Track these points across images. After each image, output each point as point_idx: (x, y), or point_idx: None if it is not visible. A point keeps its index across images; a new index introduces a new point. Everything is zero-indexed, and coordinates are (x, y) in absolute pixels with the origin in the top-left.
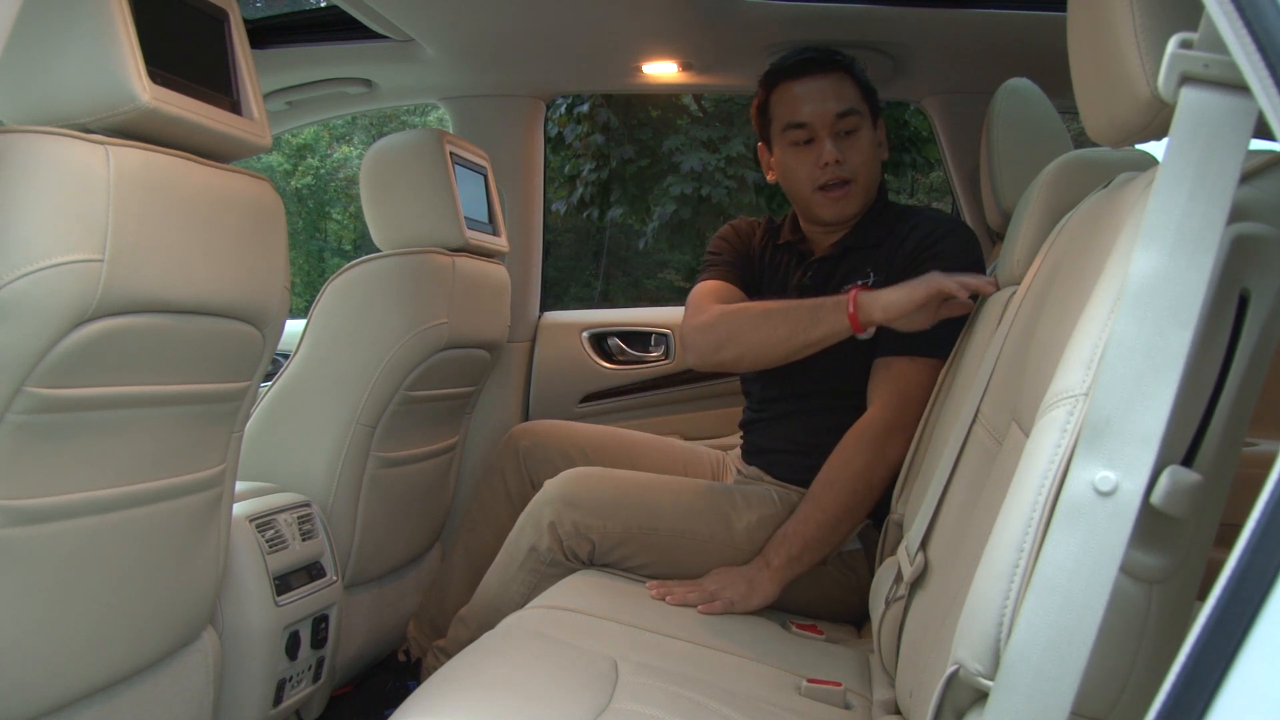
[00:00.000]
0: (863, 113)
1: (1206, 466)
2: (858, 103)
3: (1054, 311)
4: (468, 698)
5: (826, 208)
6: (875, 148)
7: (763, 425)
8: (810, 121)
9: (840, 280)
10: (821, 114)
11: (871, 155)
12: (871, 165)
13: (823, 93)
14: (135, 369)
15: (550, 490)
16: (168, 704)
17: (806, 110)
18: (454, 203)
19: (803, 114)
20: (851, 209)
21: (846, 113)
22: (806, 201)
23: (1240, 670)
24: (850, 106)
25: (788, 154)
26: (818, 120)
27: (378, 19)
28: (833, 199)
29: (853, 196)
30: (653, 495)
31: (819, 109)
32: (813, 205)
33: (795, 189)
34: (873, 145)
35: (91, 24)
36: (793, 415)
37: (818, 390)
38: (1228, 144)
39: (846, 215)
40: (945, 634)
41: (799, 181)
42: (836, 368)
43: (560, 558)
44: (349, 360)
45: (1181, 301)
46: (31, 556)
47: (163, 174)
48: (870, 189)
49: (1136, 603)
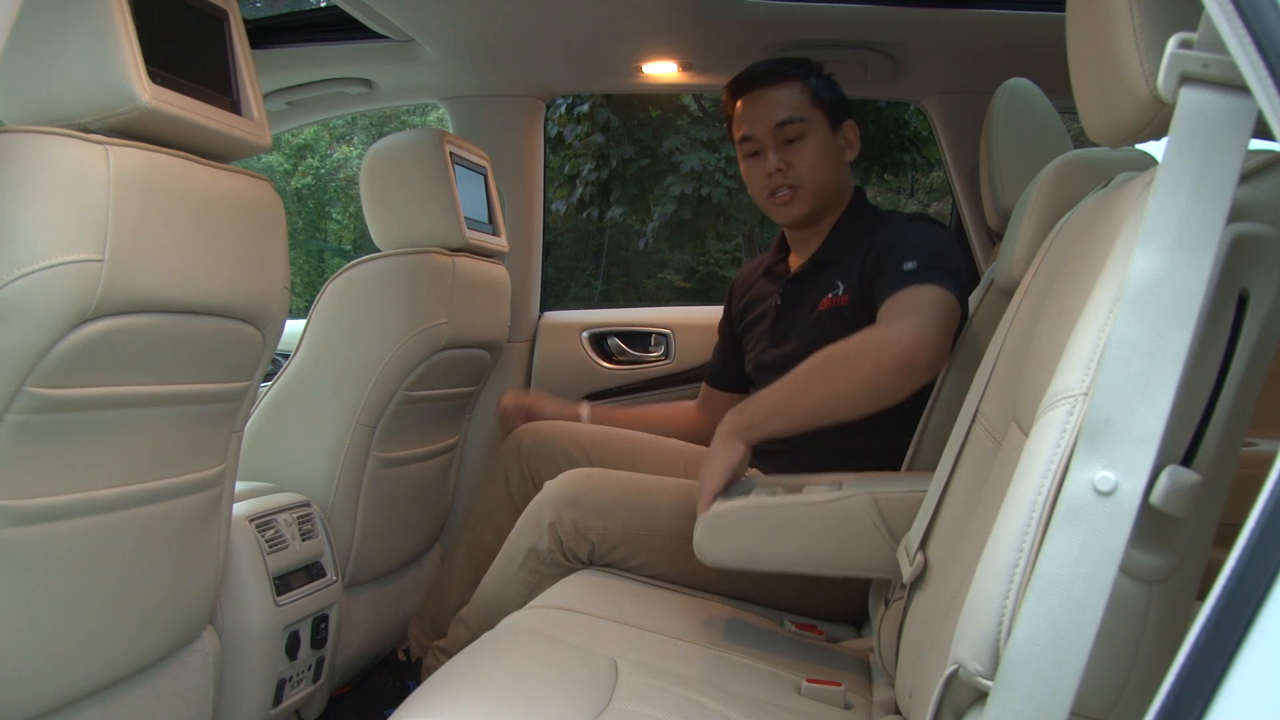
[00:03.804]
0: (810, 119)
1: (1206, 466)
2: (804, 110)
3: (1053, 311)
4: (467, 698)
5: (776, 212)
6: (831, 151)
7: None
8: (754, 134)
9: (814, 296)
10: (763, 126)
11: (821, 159)
12: (821, 169)
13: (765, 104)
14: (135, 369)
15: (550, 491)
16: (167, 704)
17: (750, 124)
18: (454, 203)
19: (747, 128)
20: (800, 211)
21: (787, 121)
22: (764, 208)
23: (1240, 670)
24: (792, 115)
25: (744, 165)
26: (760, 132)
27: (378, 19)
28: (779, 204)
29: (800, 200)
30: (652, 496)
31: (760, 121)
32: (768, 211)
33: (754, 197)
34: (824, 149)
35: (91, 24)
36: None
37: None
38: (1227, 144)
39: (796, 217)
40: (945, 634)
41: (754, 190)
42: None
43: (560, 558)
44: (349, 360)
45: (1181, 301)
46: (31, 556)
47: (163, 174)
48: (823, 191)
49: (1136, 602)
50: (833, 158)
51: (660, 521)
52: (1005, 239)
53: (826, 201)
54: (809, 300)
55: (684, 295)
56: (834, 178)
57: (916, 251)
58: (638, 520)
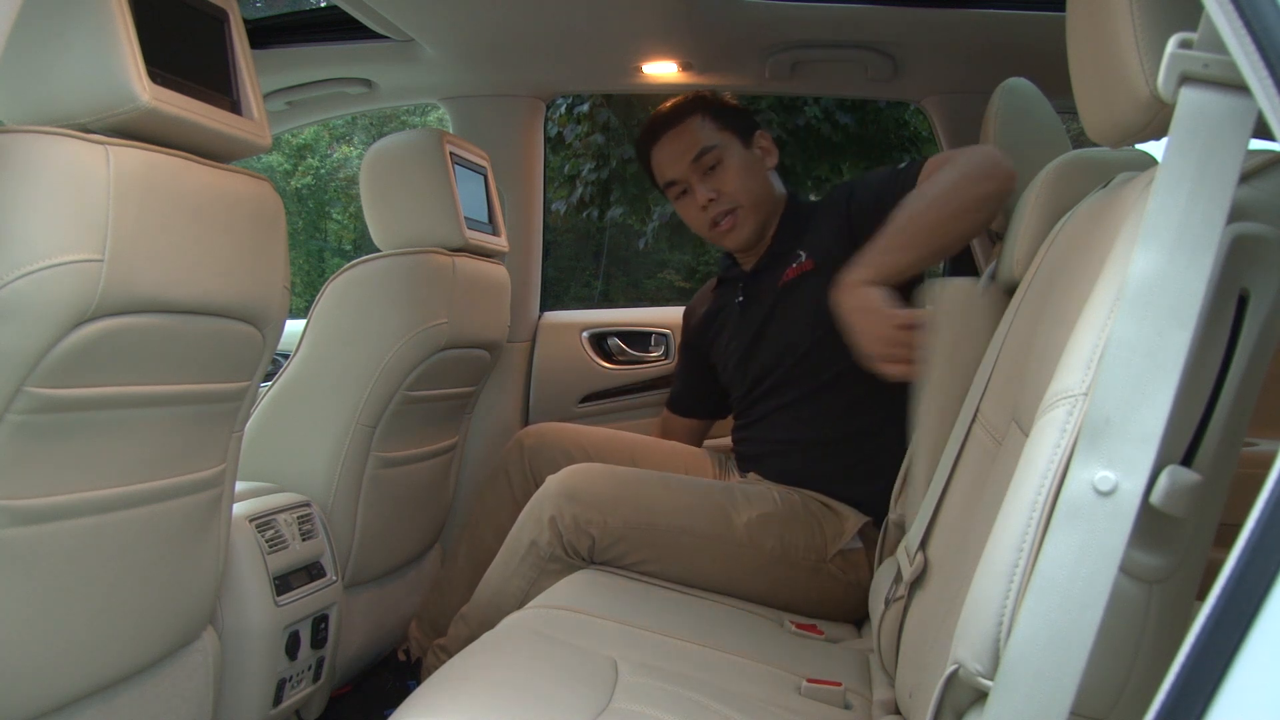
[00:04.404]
0: (721, 143)
1: (1206, 466)
2: (714, 136)
3: (1053, 311)
4: (467, 697)
5: (725, 240)
6: (751, 164)
7: (747, 431)
8: (677, 176)
9: (775, 276)
10: (682, 165)
11: (745, 175)
12: (750, 184)
13: (676, 145)
14: (135, 369)
15: (551, 486)
16: (167, 704)
17: (670, 167)
18: (454, 203)
19: (669, 172)
20: (746, 230)
21: (702, 152)
22: (711, 240)
23: (1240, 670)
24: (705, 145)
25: (678, 207)
26: (681, 172)
27: (378, 19)
28: (725, 231)
29: (743, 220)
30: (653, 491)
31: (678, 161)
32: (716, 242)
33: (698, 233)
34: (745, 165)
35: (91, 24)
36: (774, 415)
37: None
38: (1227, 144)
39: (745, 237)
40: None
41: (695, 227)
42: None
43: (560, 553)
44: (349, 360)
45: (1181, 301)
46: (31, 556)
47: (163, 174)
48: (762, 203)
49: (1136, 602)
50: (755, 170)
51: (661, 517)
52: (1005, 239)
53: (766, 213)
54: (770, 281)
55: (684, 295)
56: (764, 188)
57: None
58: (638, 515)
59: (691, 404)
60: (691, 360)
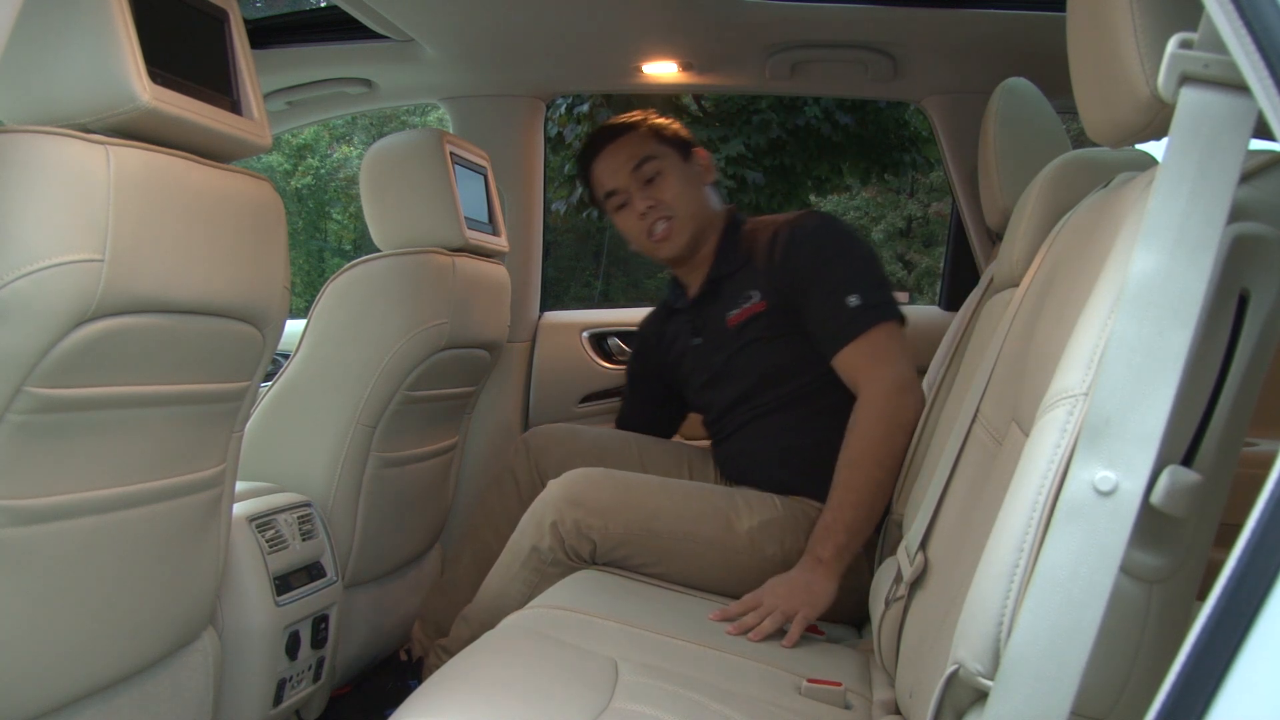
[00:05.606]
0: (660, 155)
1: (1206, 466)
2: (653, 148)
3: (1054, 311)
4: (468, 697)
5: (660, 249)
6: (690, 178)
7: (724, 445)
8: (616, 186)
9: (721, 309)
10: (621, 175)
11: (683, 187)
12: (687, 196)
13: (616, 156)
14: (135, 369)
15: (553, 490)
16: (167, 704)
17: (610, 178)
18: (454, 203)
19: (608, 183)
20: (681, 240)
21: (642, 162)
22: (647, 252)
23: (1240, 670)
24: (644, 155)
25: (616, 219)
26: (620, 182)
27: (378, 19)
28: (660, 240)
29: (678, 230)
30: (655, 497)
31: (618, 172)
32: (651, 253)
33: (635, 245)
34: (683, 178)
35: (91, 24)
36: (747, 426)
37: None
38: (1228, 144)
39: (680, 247)
40: (945, 634)
41: (633, 237)
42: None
43: (562, 557)
44: (349, 360)
45: (1181, 301)
46: (31, 556)
47: (163, 174)
48: (698, 215)
49: (1136, 603)
50: (693, 184)
51: (662, 523)
52: (1005, 238)
53: (702, 226)
54: (717, 315)
55: None
56: (701, 201)
57: (851, 279)
58: (640, 521)
59: (639, 423)
60: (638, 379)
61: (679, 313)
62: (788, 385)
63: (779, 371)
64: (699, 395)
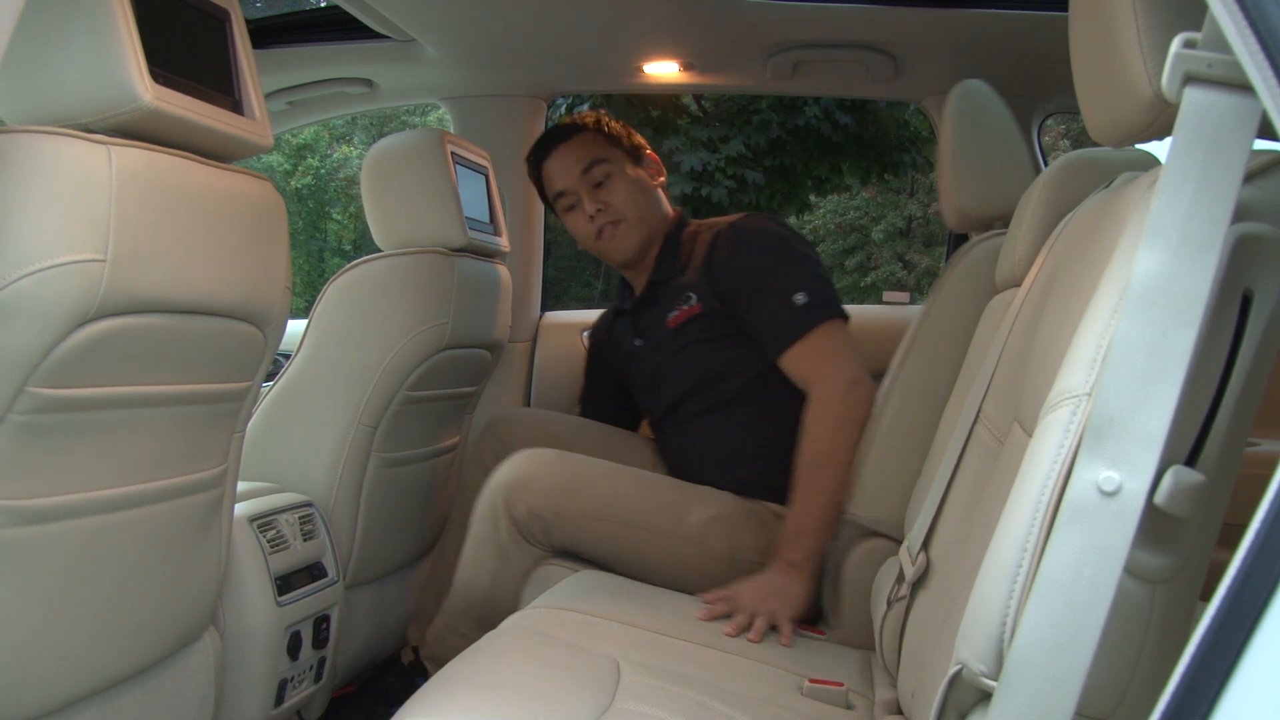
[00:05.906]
0: (611, 158)
1: (1210, 466)
2: (603, 151)
3: (1056, 311)
4: (469, 698)
5: (609, 250)
6: (639, 181)
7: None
8: (566, 188)
9: (661, 312)
10: (571, 176)
11: (632, 190)
12: (637, 199)
13: (567, 158)
14: (137, 369)
15: (502, 471)
16: (169, 704)
17: (560, 179)
18: (455, 203)
19: (559, 184)
20: (630, 241)
21: (592, 164)
22: (595, 252)
23: (1244, 670)
24: (594, 158)
25: (566, 220)
26: (570, 183)
27: (379, 19)
28: (608, 241)
29: (627, 232)
30: (605, 481)
31: (568, 173)
32: (600, 254)
33: (585, 246)
34: (633, 181)
35: (93, 24)
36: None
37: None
38: (1231, 144)
39: (629, 249)
40: (948, 634)
41: (582, 239)
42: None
43: (519, 539)
44: (350, 360)
45: (1185, 301)
46: (33, 557)
47: (165, 174)
48: (646, 219)
49: (1140, 603)
50: (643, 187)
51: (611, 507)
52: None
53: (652, 228)
54: (658, 317)
55: None
56: (651, 204)
57: (797, 277)
58: (589, 504)
59: (599, 409)
60: (595, 371)
61: (624, 314)
62: (727, 385)
63: (719, 373)
64: (642, 396)
